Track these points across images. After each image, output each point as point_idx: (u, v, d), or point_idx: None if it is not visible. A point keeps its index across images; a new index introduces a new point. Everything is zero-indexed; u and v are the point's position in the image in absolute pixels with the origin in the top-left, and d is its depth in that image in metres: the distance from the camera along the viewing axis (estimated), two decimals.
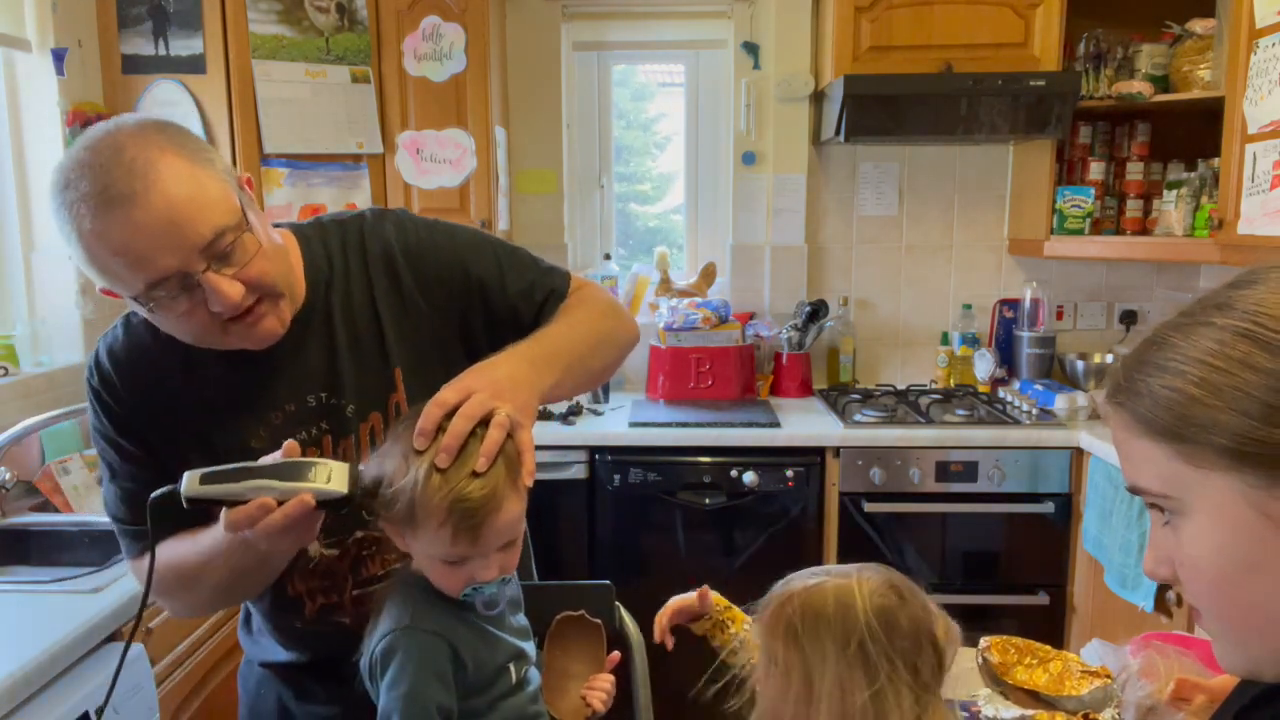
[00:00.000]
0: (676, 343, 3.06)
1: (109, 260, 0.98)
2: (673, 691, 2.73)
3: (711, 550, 2.75)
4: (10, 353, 2.31)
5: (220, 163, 1.06)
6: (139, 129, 1.01)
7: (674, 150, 3.59)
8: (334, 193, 2.72)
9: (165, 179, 0.98)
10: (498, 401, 0.99)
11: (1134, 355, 0.71)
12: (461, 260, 1.23)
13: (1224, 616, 0.68)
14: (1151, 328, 0.71)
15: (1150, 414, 0.67)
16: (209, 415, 1.15)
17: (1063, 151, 3.01)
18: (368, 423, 1.18)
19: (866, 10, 2.79)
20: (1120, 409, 0.70)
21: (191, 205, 0.99)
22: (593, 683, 1.21)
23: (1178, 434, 0.65)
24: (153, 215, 0.96)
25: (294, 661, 1.26)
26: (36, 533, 2.04)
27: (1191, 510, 0.67)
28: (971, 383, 3.17)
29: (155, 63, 2.59)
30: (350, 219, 1.25)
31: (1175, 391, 0.65)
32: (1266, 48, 2.16)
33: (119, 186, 0.96)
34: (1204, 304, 0.68)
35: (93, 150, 0.98)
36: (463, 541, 0.96)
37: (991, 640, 1.33)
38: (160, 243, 0.97)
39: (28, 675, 1.35)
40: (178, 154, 1.00)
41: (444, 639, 1.02)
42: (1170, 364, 0.66)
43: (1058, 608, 2.75)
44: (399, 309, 1.20)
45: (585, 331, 1.21)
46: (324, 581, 1.19)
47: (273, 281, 1.07)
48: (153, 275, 0.99)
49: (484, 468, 0.95)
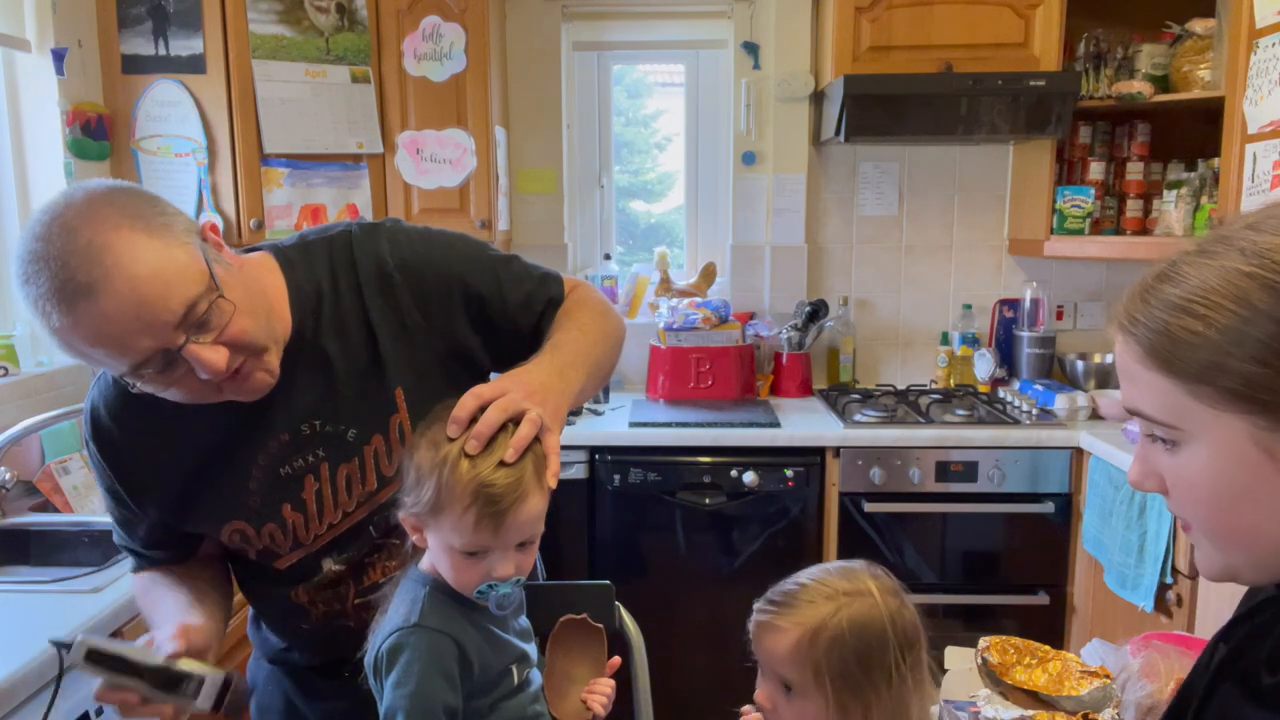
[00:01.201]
0: (676, 343, 3.06)
1: (88, 350, 0.96)
2: (673, 691, 2.73)
3: (711, 550, 2.75)
4: (10, 353, 2.31)
5: (179, 222, 1.01)
6: (88, 205, 0.96)
7: (674, 150, 3.59)
8: (334, 193, 2.72)
9: (125, 260, 0.93)
10: (530, 404, 1.01)
11: (1148, 284, 0.71)
12: (459, 274, 1.21)
13: (1212, 532, 0.71)
14: (1165, 259, 0.71)
15: (1163, 350, 0.68)
16: (205, 452, 1.16)
17: (1063, 151, 3.00)
18: (371, 445, 1.17)
19: (866, 10, 2.79)
20: (1130, 338, 0.71)
21: (157, 281, 0.95)
22: (593, 686, 1.21)
23: (1190, 373, 0.67)
24: (120, 302, 0.93)
25: (301, 660, 1.28)
26: (36, 533, 2.04)
27: (1193, 440, 0.69)
28: (971, 383, 3.17)
29: (155, 63, 2.59)
30: (337, 235, 1.21)
31: (1192, 334, 0.66)
32: (1266, 48, 2.16)
33: (79, 278, 0.92)
34: (1224, 242, 0.68)
35: (45, 240, 0.93)
36: (485, 530, 0.97)
37: (991, 640, 1.33)
38: (133, 327, 0.95)
39: (27, 675, 1.35)
40: (132, 228, 0.95)
41: (452, 638, 1.02)
42: (1188, 304, 0.67)
43: (1058, 608, 2.75)
44: (396, 326, 1.17)
45: (596, 335, 1.23)
46: (328, 592, 1.21)
47: (254, 338, 1.04)
48: (134, 358, 0.97)
49: (512, 459, 0.97)
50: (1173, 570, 2.20)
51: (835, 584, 1.03)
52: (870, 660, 0.98)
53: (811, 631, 1.00)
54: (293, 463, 1.15)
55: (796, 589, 1.04)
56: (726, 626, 2.71)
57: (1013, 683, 1.27)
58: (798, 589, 1.04)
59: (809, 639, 0.99)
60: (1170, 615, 2.23)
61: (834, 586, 1.03)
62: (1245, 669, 0.73)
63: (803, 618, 1.01)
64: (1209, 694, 0.76)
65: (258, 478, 1.16)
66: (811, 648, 0.99)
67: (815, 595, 1.02)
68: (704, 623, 2.73)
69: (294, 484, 1.16)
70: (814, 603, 1.01)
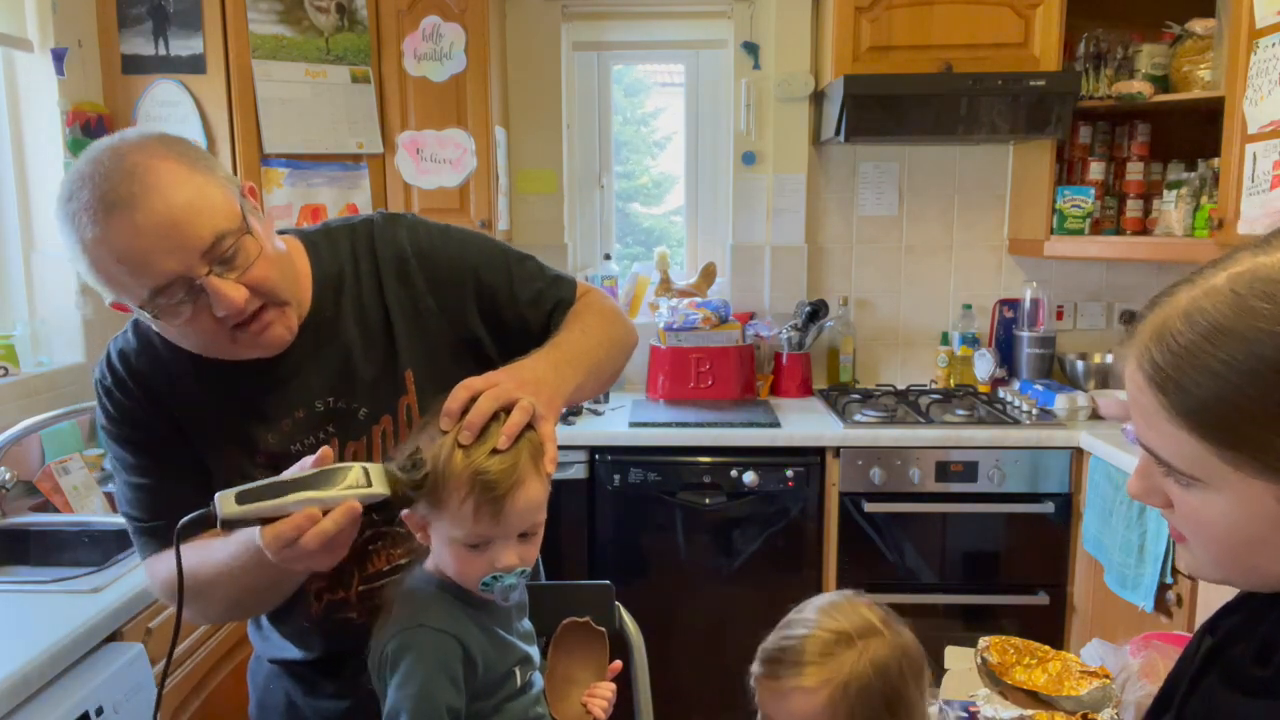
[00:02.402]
0: (676, 343, 3.06)
1: (112, 267, 0.99)
2: (673, 691, 2.73)
3: (711, 550, 2.75)
4: (10, 353, 2.31)
5: (221, 171, 1.07)
6: (140, 139, 1.02)
7: (674, 150, 3.59)
8: (334, 193, 2.72)
9: (164, 183, 0.99)
10: (522, 393, 1.01)
11: (1174, 327, 0.66)
12: (473, 266, 1.24)
13: (1215, 560, 0.71)
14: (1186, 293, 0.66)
15: (1197, 413, 0.65)
16: (220, 420, 1.16)
17: (1063, 151, 3.00)
18: (379, 425, 1.19)
19: (866, 10, 2.79)
20: (1156, 389, 0.67)
21: (190, 209, 0.99)
22: (594, 690, 1.21)
23: (1229, 443, 0.64)
24: (153, 218, 0.97)
25: (303, 658, 1.27)
26: (36, 533, 2.04)
27: (1213, 490, 0.67)
28: (971, 383, 3.17)
29: (155, 63, 2.59)
30: (360, 222, 1.26)
31: (1229, 405, 0.63)
32: (1266, 48, 2.16)
33: (119, 191, 0.97)
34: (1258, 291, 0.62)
35: (94, 161, 0.99)
36: (485, 518, 0.97)
37: (991, 640, 1.33)
38: (161, 245, 0.98)
39: (27, 675, 1.35)
40: (178, 160, 1.01)
41: (457, 639, 1.02)
42: (1224, 370, 0.63)
43: (1058, 608, 2.75)
44: (411, 311, 1.21)
45: (601, 337, 1.24)
46: (330, 578, 1.20)
47: (275, 286, 1.07)
48: (156, 280, 0.99)
49: (505, 445, 0.97)
50: (1173, 570, 2.20)
51: (841, 627, 0.99)
52: (895, 701, 0.97)
53: (842, 687, 0.96)
54: (304, 439, 1.16)
55: (801, 642, 0.99)
56: (726, 626, 2.71)
57: (1012, 683, 1.27)
58: (803, 641, 0.99)
59: (840, 694, 0.96)
60: (1170, 615, 2.23)
61: (841, 630, 0.99)
62: (1232, 660, 0.74)
63: (828, 674, 0.97)
64: (1194, 684, 0.76)
65: (265, 453, 1.16)
66: (844, 702, 0.96)
67: (828, 645, 0.98)
68: (704, 623, 2.73)
69: None
70: (833, 655, 0.97)
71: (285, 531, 0.90)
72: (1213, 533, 0.68)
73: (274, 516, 0.91)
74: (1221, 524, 0.67)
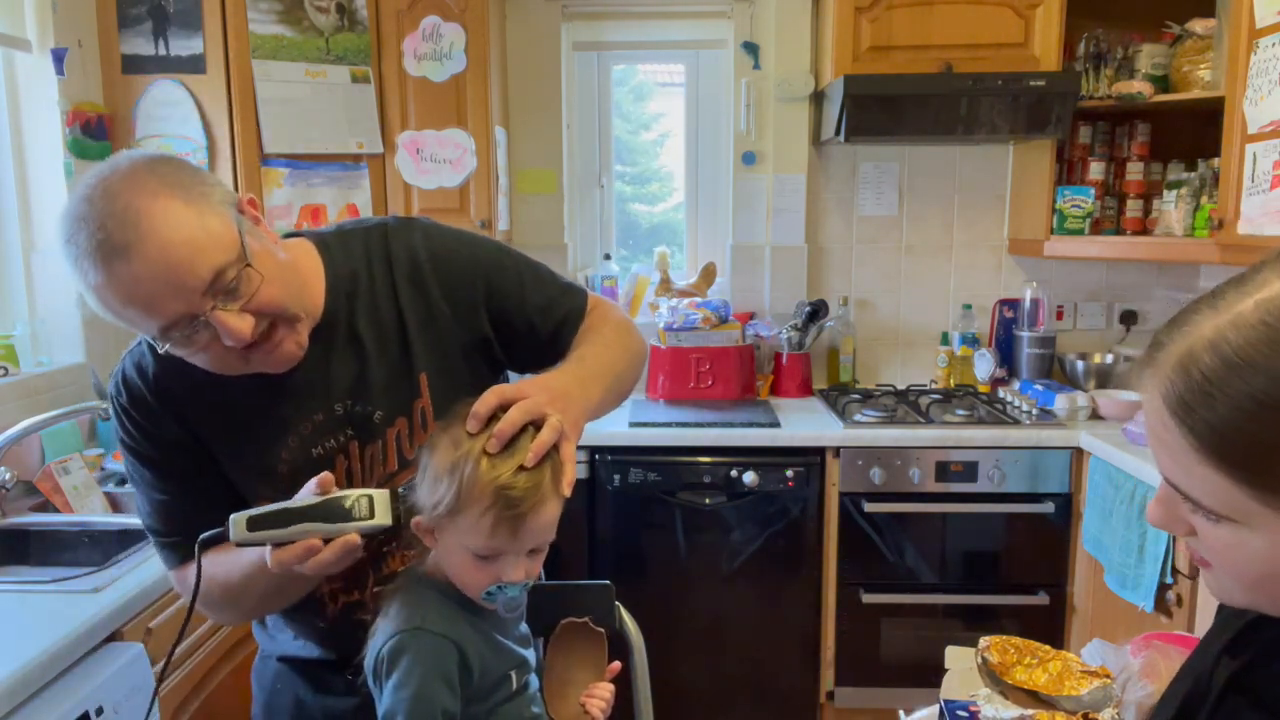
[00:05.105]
0: (676, 343, 3.06)
1: (121, 309, 1.01)
2: (673, 691, 2.73)
3: (711, 550, 2.75)
4: (10, 353, 2.31)
5: (217, 193, 1.06)
6: (130, 170, 1.01)
7: (674, 150, 3.59)
8: (334, 193, 2.72)
9: (159, 225, 0.98)
10: (552, 409, 1.02)
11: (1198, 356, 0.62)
12: (484, 272, 1.25)
13: (1245, 589, 0.68)
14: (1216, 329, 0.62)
15: (1227, 451, 0.62)
16: (239, 428, 1.17)
17: (1063, 151, 3.00)
18: (394, 428, 1.20)
19: (866, 10, 2.79)
20: (1181, 424, 0.64)
21: (188, 248, 0.99)
22: (593, 691, 1.21)
23: (1256, 479, 0.61)
24: (150, 266, 0.97)
25: (313, 657, 1.28)
26: (36, 533, 2.04)
27: (1244, 528, 0.64)
28: (971, 383, 3.17)
29: (155, 63, 2.59)
30: (374, 225, 1.27)
31: (1261, 443, 0.60)
32: (1266, 48, 2.16)
33: (114, 240, 0.97)
34: None
35: (88, 202, 0.99)
36: (502, 533, 0.97)
37: (991, 640, 1.32)
38: (163, 290, 0.99)
39: (27, 675, 1.35)
40: (170, 195, 1.00)
41: (453, 642, 1.02)
42: (1253, 407, 0.60)
43: (1058, 608, 2.75)
44: (424, 315, 1.21)
45: (619, 350, 1.26)
46: (346, 580, 1.21)
47: (283, 305, 1.08)
48: (163, 320, 1.01)
49: (532, 463, 0.98)
50: (1173, 570, 2.20)
51: None
52: None
53: None
54: (324, 443, 1.18)
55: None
56: (726, 626, 2.71)
57: (1013, 682, 1.27)
58: None
59: None
60: (1170, 615, 2.23)
61: None
62: (1258, 683, 0.72)
63: None
64: (1216, 708, 0.75)
65: (288, 460, 1.17)
66: None
67: None
68: (704, 623, 2.73)
69: (325, 465, 1.17)
70: None
71: (288, 559, 1.00)
72: (1243, 568, 0.66)
73: (282, 542, 1.01)
74: (1254, 562, 0.65)
